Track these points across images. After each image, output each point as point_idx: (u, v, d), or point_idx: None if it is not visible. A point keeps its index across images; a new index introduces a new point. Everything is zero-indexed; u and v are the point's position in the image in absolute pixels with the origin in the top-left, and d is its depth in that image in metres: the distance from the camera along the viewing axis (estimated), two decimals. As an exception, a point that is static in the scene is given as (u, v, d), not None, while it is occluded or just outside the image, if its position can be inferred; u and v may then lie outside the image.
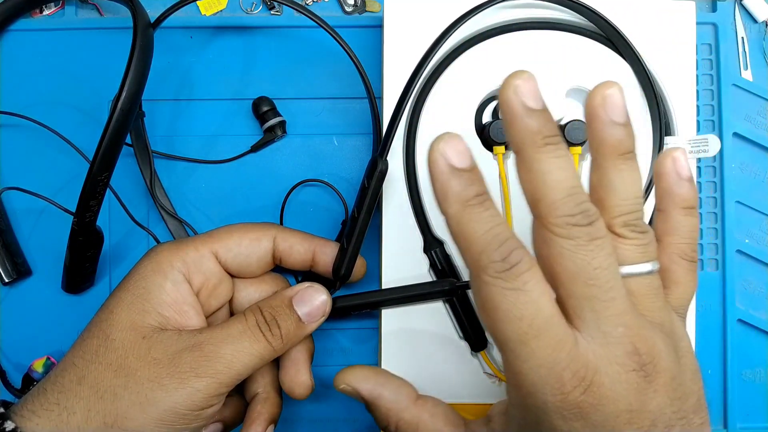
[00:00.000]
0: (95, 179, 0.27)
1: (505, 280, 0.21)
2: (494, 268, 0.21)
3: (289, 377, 0.29)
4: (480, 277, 0.21)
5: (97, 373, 0.25)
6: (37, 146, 0.36)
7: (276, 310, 0.28)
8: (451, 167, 0.21)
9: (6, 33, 0.36)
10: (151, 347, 0.26)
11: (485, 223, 0.21)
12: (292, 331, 0.28)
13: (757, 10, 0.37)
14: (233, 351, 0.26)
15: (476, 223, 0.21)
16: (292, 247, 0.31)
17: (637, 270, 0.23)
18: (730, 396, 0.36)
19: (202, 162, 0.36)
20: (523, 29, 0.33)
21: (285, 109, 0.36)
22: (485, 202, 0.22)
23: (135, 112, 0.28)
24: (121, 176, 0.34)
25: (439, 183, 0.22)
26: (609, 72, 0.33)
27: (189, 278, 0.28)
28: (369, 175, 0.30)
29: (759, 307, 0.37)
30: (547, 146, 0.21)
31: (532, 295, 0.21)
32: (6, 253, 0.35)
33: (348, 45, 0.36)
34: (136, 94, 0.27)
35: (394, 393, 0.28)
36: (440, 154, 0.21)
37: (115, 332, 0.26)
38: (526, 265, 0.21)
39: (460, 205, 0.21)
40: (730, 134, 0.37)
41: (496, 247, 0.21)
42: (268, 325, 0.27)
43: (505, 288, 0.21)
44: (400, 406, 0.28)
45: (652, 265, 0.23)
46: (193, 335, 0.27)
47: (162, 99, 0.36)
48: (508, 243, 0.21)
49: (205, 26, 0.36)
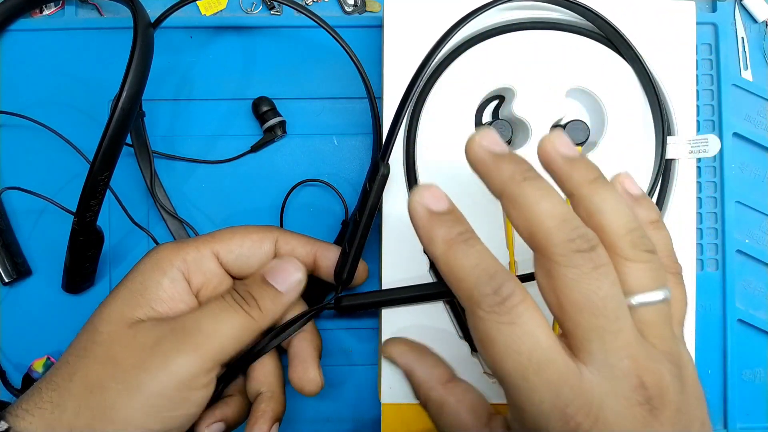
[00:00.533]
0: (95, 179, 0.27)
1: (499, 314, 0.21)
2: (487, 302, 0.21)
3: (298, 375, 0.29)
4: (475, 313, 0.21)
5: (87, 368, 0.26)
6: (37, 146, 0.36)
7: (250, 286, 0.28)
8: (430, 212, 0.22)
9: (6, 33, 0.36)
10: (137, 334, 0.26)
11: (473, 259, 0.22)
12: (269, 302, 0.28)
13: (757, 10, 0.37)
14: (212, 323, 0.27)
15: (464, 259, 0.22)
16: (293, 250, 0.31)
17: (650, 299, 0.22)
18: (730, 396, 0.36)
19: (202, 162, 0.36)
20: (523, 29, 0.33)
21: (285, 109, 0.36)
22: (470, 240, 0.22)
23: (135, 112, 0.28)
24: (121, 176, 0.34)
25: (423, 229, 0.23)
26: (609, 72, 0.33)
27: (188, 277, 0.29)
28: (370, 179, 0.30)
29: (759, 307, 0.37)
30: (527, 180, 0.22)
31: (527, 327, 0.21)
32: (6, 253, 0.35)
33: (348, 45, 0.36)
34: (136, 94, 0.27)
35: (425, 371, 0.29)
36: (417, 203, 0.23)
37: (104, 325, 0.27)
38: (519, 297, 0.21)
39: (445, 246, 0.22)
40: (730, 134, 0.37)
41: (486, 281, 0.21)
42: (243, 298, 0.28)
43: (501, 322, 0.21)
44: (430, 384, 0.28)
45: (664, 293, 0.23)
46: (175, 320, 0.27)
47: (162, 99, 0.36)
48: (498, 276, 0.21)
49: (205, 26, 0.36)
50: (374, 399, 0.36)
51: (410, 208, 0.23)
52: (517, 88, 0.33)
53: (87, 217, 0.29)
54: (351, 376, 0.36)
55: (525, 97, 0.33)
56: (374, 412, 0.36)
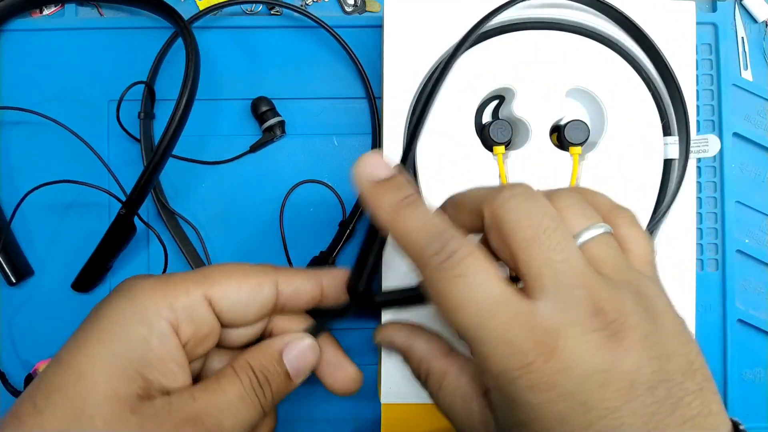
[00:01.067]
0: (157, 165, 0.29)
1: (447, 270, 0.21)
2: (436, 260, 0.21)
3: (333, 377, 0.28)
4: (426, 273, 0.22)
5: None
6: (38, 143, 0.36)
7: (267, 368, 0.26)
8: (372, 181, 0.23)
9: (6, 33, 0.36)
10: (144, 423, 0.22)
11: (419, 221, 0.22)
12: (281, 391, 0.26)
13: (757, 10, 0.37)
14: (234, 421, 0.24)
15: (410, 222, 0.22)
16: (297, 290, 0.27)
17: (591, 234, 0.22)
18: (730, 396, 0.36)
19: (201, 162, 0.36)
20: (523, 29, 0.33)
21: (285, 109, 0.36)
22: (414, 202, 0.23)
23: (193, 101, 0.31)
24: (121, 176, 0.34)
25: (368, 200, 0.23)
26: (609, 72, 0.33)
27: (177, 329, 0.24)
28: None
29: (759, 307, 0.37)
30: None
31: (477, 278, 0.21)
32: (11, 254, 0.35)
33: (348, 45, 0.36)
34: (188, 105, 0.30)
35: (425, 344, 0.28)
36: (359, 173, 0.23)
37: (92, 406, 0.21)
38: (466, 251, 0.21)
39: (391, 212, 0.22)
40: (730, 134, 0.37)
41: (433, 240, 0.21)
42: (262, 388, 0.25)
43: (450, 277, 0.21)
44: (431, 355, 0.27)
45: (603, 227, 0.22)
46: (187, 403, 0.23)
47: (161, 99, 0.36)
48: (444, 233, 0.22)
49: (204, 26, 0.36)
50: (374, 399, 0.36)
51: (354, 180, 0.23)
52: (517, 88, 0.33)
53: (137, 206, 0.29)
54: (351, 376, 0.36)
55: (525, 97, 0.33)
56: (374, 412, 0.36)
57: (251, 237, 0.36)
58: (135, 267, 0.36)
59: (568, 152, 0.33)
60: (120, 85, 0.33)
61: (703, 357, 0.22)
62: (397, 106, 0.33)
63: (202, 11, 0.35)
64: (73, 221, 0.36)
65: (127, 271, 0.36)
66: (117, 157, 0.36)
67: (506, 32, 0.33)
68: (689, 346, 0.22)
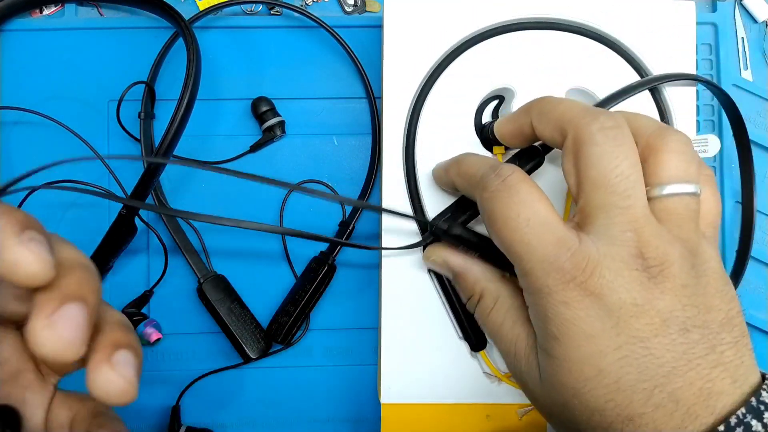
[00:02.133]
0: (157, 167, 0.29)
1: (500, 190, 0.24)
2: (491, 183, 0.24)
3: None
4: (481, 197, 0.24)
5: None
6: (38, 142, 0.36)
7: None
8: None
9: (6, 33, 0.36)
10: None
11: (477, 159, 0.27)
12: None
13: (757, 10, 0.37)
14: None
15: (472, 160, 0.27)
16: None
17: (679, 190, 0.23)
18: (730, 396, 0.36)
19: (201, 162, 0.36)
20: (523, 29, 0.33)
21: (285, 109, 0.36)
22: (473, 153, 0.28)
23: (194, 102, 0.31)
24: (121, 176, 0.34)
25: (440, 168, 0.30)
26: (609, 72, 0.33)
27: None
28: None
29: (759, 307, 0.37)
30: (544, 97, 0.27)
31: (525, 197, 0.23)
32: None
33: (348, 45, 0.36)
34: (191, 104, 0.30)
35: (482, 267, 0.29)
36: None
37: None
38: (519, 176, 0.24)
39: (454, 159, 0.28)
40: (730, 134, 0.37)
41: (489, 169, 0.25)
42: None
43: (503, 196, 0.23)
44: (488, 276, 0.29)
45: (695, 186, 0.23)
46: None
47: (161, 99, 0.36)
48: (498, 164, 0.25)
49: (204, 26, 0.36)
50: (374, 399, 0.36)
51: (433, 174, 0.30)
52: (517, 88, 0.33)
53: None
54: (351, 376, 0.36)
55: (525, 97, 0.33)
56: (374, 412, 0.36)
57: (251, 237, 0.36)
58: (135, 267, 0.36)
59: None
60: (120, 85, 0.33)
61: (743, 317, 0.23)
62: (397, 106, 0.33)
63: (202, 11, 0.35)
64: (73, 221, 0.36)
65: (128, 271, 0.36)
66: (117, 157, 0.36)
67: (506, 32, 0.33)
68: (732, 304, 0.23)
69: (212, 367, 0.35)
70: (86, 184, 0.34)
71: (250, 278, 0.36)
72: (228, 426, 0.36)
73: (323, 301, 0.36)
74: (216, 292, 0.34)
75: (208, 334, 0.35)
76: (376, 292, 0.36)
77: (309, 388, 0.36)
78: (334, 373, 0.36)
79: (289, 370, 0.36)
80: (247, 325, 0.34)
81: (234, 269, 0.36)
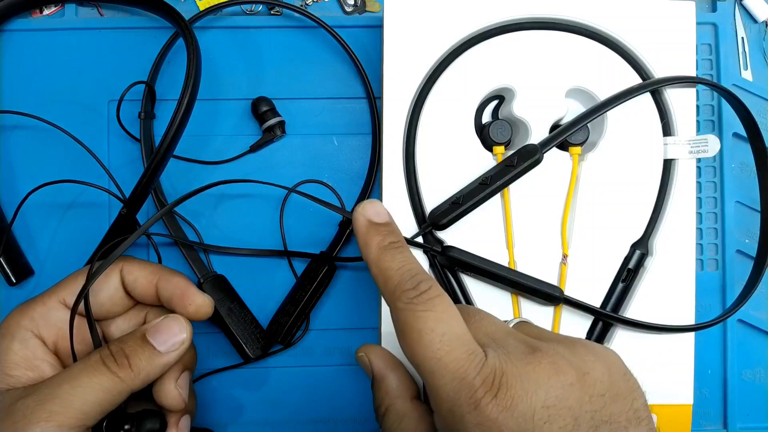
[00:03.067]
0: (158, 166, 0.29)
1: (417, 304, 0.24)
2: (407, 296, 0.24)
3: (156, 392, 0.28)
4: (396, 306, 0.24)
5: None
6: (38, 144, 0.36)
7: (125, 343, 0.27)
8: (369, 222, 0.26)
9: (6, 33, 0.36)
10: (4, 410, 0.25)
11: (398, 262, 0.25)
12: (144, 361, 0.27)
13: (757, 10, 0.37)
14: (69, 388, 0.25)
15: (391, 262, 0.25)
16: (136, 280, 0.29)
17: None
18: (730, 396, 0.36)
19: (201, 162, 0.36)
20: (523, 29, 0.33)
21: (285, 109, 0.36)
22: (400, 248, 0.26)
23: (194, 102, 0.31)
24: (121, 176, 0.34)
25: (361, 235, 0.26)
26: (609, 72, 0.33)
27: (39, 334, 0.28)
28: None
29: (759, 307, 0.37)
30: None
31: (441, 315, 0.23)
32: (13, 254, 0.35)
33: (348, 45, 0.36)
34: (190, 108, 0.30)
35: (398, 380, 0.29)
36: (360, 214, 0.27)
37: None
38: (436, 292, 0.24)
39: (378, 251, 0.26)
40: (730, 134, 0.37)
41: (408, 279, 0.24)
42: (113, 357, 0.26)
43: (417, 310, 0.24)
44: (398, 393, 0.28)
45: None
46: (36, 385, 0.26)
47: (161, 99, 0.36)
48: (418, 275, 0.25)
49: (204, 26, 0.36)
50: (374, 399, 0.36)
51: (354, 218, 0.27)
52: (517, 88, 0.33)
53: (138, 206, 0.30)
54: (351, 376, 0.36)
55: (525, 97, 0.33)
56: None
57: (251, 237, 0.36)
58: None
59: (568, 152, 0.33)
60: (120, 85, 0.33)
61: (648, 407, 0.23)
62: (397, 106, 0.33)
63: (203, 11, 0.35)
64: (73, 222, 0.36)
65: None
66: (117, 157, 0.36)
67: (506, 32, 0.33)
68: (635, 394, 0.23)
69: (212, 367, 0.35)
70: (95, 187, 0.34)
71: (250, 278, 0.36)
72: (228, 426, 0.36)
73: (323, 301, 0.36)
74: (216, 292, 0.34)
75: (208, 334, 0.35)
76: (376, 292, 0.36)
77: (309, 388, 0.36)
78: (334, 373, 0.36)
79: (289, 370, 0.36)
80: (247, 325, 0.34)
81: (234, 269, 0.36)
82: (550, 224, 0.33)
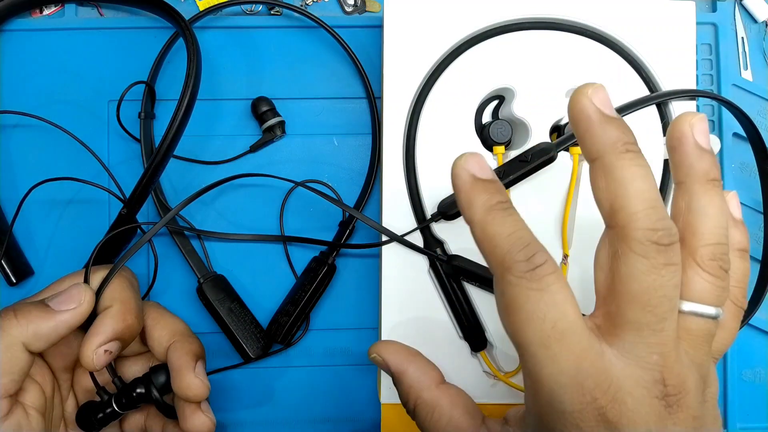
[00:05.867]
0: (158, 167, 0.29)
1: (529, 281, 0.21)
2: (519, 269, 0.21)
3: (176, 385, 0.28)
4: (504, 278, 0.21)
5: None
6: (38, 144, 0.36)
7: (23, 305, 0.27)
8: (473, 178, 0.22)
9: (6, 33, 0.36)
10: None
11: (509, 227, 0.22)
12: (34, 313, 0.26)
13: (757, 10, 0.37)
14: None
15: (500, 226, 0.22)
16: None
17: (703, 311, 0.22)
18: (730, 396, 0.36)
19: (201, 162, 0.36)
20: (523, 29, 0.33)
21: (285, 109, 0.36)
22: (509, 209, 0.22)
23: (194, 102, 0.31)
24: (121, 176, 0.34)
25: (464, 193, 0.22)
26: (609, 72, 0.33)
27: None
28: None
29: (759, 308, 0.37)
30: (629, 153, 0.21)
31: (555, 297, 0.21)
32: (12, 254, 0.35)
33: (348, 45, 0.36)
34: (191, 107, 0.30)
35: (419, 371, 0.28)
36: (462, 168, 0.22)
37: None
38: (551, 268, 0.21)
39: (484, 211, 0.22)
40: (730, 134, 0.37)
41: (520, 248, 0.21)
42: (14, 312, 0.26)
43: (530, 288, 0.21)
44: (422, 385, 0.27)
45: (718, 311, 0.22)
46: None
47: (162, 99, 0.36)
48: (532, 245, 0.21)
49: (204, 26, 0.36)
50: (374, 399, 0.36)
51: (454, 172, 0.23)
52: (517, 88, 0.33)
53: (138, 206, 0.30)
54: (351, 376, 0.36)
55: (525, 97, 0.33)
56: (374, 412, 0.36)
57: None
58: (135, 267, 0.35)
59: (568, 153, 0.33)
60: (120, 85, 0.33)
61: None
62: (397, 106, 0.33)
63: (202, 11, 0.35)
64: (73, 222, 0.36)
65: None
66: (117, 157, 0.36)
67: (506, 32, 0.33)
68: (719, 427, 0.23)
69: (212, 367, 0.35)
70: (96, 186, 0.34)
71: (250, 278, 0.36)
72: (228, 426, 0.36)
73: (323, 301, 0.36)
74: (216, 292, 0.34)
75: (208, 334, 0.35)
76: (376, 292, 0.36)
77: (309, 388, 0.36)
78: (334, 373, 0.36)
79: (289, 370, 0.36)
80: (247, 325, 0.34)
81: (234, 269, 0.36)
82: (550, 224, 0.33)
